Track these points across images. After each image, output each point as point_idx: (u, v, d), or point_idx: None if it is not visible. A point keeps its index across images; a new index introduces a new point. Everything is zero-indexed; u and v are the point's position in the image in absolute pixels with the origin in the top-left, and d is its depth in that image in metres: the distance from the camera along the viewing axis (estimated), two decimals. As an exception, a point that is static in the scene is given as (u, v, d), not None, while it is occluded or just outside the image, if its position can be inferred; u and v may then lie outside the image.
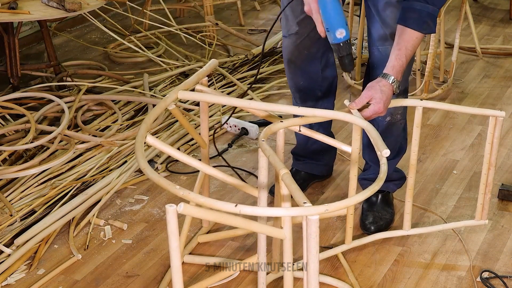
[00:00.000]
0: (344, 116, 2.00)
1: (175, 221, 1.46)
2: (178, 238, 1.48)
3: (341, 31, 2.00)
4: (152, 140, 1.84)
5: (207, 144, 2.33)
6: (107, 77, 3.63)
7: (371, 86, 2.06)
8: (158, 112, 1.97)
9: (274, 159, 1.73)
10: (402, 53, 2.07)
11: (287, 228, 1.67)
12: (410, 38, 2.07)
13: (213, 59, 2.38)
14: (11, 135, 2.97)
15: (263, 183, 1.91)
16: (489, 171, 2.24)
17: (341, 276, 2.27)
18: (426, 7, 2.06)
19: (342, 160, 2.94)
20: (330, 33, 2.01)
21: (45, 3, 3.14)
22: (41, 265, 2.31)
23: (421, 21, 2.06)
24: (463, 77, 3.85)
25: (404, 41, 2.07)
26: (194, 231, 2.47)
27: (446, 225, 2.43)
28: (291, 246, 1.70)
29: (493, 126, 2.16)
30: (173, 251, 1.48)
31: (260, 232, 1.80)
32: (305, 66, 2.45)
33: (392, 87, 2.06)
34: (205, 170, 2.02)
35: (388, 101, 2.06)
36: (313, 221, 1.47)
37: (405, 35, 2.07)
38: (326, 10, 1.98)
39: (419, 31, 2.07)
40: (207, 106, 2.30)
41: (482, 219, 2.32)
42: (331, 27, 2.00)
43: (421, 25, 2.06)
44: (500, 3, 5.09)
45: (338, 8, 1.99)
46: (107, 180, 2.70)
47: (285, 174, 1.65)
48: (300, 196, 1.57)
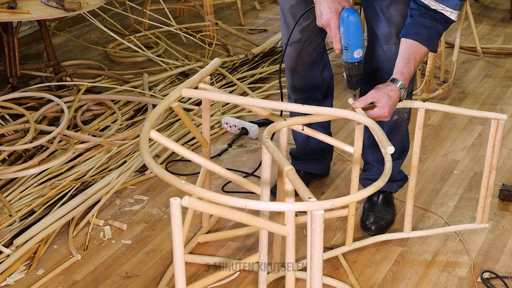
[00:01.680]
0: (348, 114, 2.00)
1: (179, 215, 1.44)
2: (182, 233, 1.46)
3: (359, 51, 2.04)
4: (156, 135, 1.83)
5: (208, 143, 2.33)
6: (107, 77, 3.63)
7: (379, 88, 2.04)
8: (162, 109, 1.97)
9: (278, 156, 1.74)
10: (411, 62, 2.08)
11: (290, 225, 1.66)
12: (419, 51, 2.08)
13: (216, 58, 2.37)
14: (11, 135, 2.96)
15: (266, 180, 1.91)
16: (490, 174, 2.22)
17: (342, 277, 2.26)
18: (435, 25, 2.08)
19: (343, 160, 2.94)
20: (348, 51, 2.04)
21: (45, 2, 3.13)
22: (40, 266, 2.30)
23: (430, 38, 2.08)
24: (464, 77, 3.84)
25: (413, 52, 2.08)
26: (194, 231, 2.46)
27: (447, 228, 2.41)
28: (294, 244, 1.69)
29: (495, 129, 2.14)
30: (176, 246, 1.46)
31: (264, 228, 1.78)
32: (306, 72, 2.46)
33: (400, 92, 2.05)
34: (209, 167, 2.01)
35: (393, 106, 2.05)
36: (317, 216, 1.47)
37: (415, 47, 2.08)
38: (349, 29, 2.00)
39: (427, 47, 2.09)
40: (209, 105, 2.29)
41: (483, 222, 2.31)
42: (351, 46, 2.03)
43: (429, 41, 2.08)
44: (500, 3, 5.08)
45: (360, 28, 2.01)
46: (106, 180, 2.70)
47: (290, 170, 1.66)
48: (305, 191, 1.57)
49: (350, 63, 2.06)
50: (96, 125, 3.11)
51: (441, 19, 2.09)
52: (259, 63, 3.87)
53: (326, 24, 2.06)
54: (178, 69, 3.71)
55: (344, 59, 2.07)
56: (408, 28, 2.11)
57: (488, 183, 2.24)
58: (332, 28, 2.04)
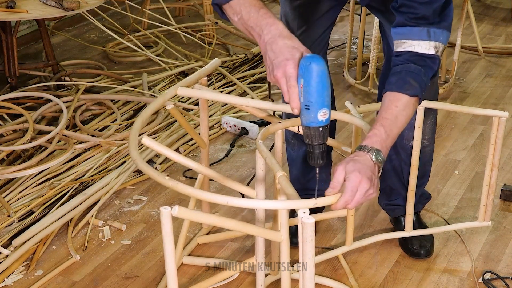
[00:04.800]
0: (344, 116, 1.99)
1: (170, 224, 1.46)
2: (173, 241, 1.47)
3: (325, 111, 1.54)
4: (149, 141, 1.81)
5: (207, 144, 2.31)
6: (106, 76, 3.62)
7: (344, 163, 1.60)
8: (156, 106, 1.95)
9: (271, 161, 1.71)
10: (380, 121, 1.68)
11: (284, 231, 1.65)
12: (394, 100, 1.71)
13: (216, 58, 2.36)
14: (9, 135, 2.95)
15: (261, 184, 1.89)
16: (492, 172, 2.21)
17: (342, 278, 2.25)
18: (405, 67, 1.74)
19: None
20: (309, 112, 1.54)
21: (43, 2, 3.12)
22: (39, 266, 2.29)
23: (403, 82, 1.72)
24: (465, 76, 3.83)
25: (388, 102, 1.72)
26: (194, 232, 2.45)
27: (449, 226, 2.40)
28: (288, 249, 1.68)
29: (496, 126, 2.14)
30: (167, 254, 1.48)
31: (257, 235, 1.79)
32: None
33: (369, 155, 1.61)
34: (201, 171, 1.99)
35: (368, 170, 1.56)
36: (308, 224, 1.45)
37: (390, 97, 1.73)
38: (313, 82, 1.51)
39: (399, 92, 1.71)
40: (206, 105, 2.28)
41: (485, 220, 2.30)
42: (314, 105, 1.52)
43: (403, 85, 1.71)
44: (502, 2, 5.07)
45: (328, 80, 1.54)
46: (105, 180, 2.69)
47: (282, 176, 1.63)
48: (296, 198, 1.55)
49: (312, 128, 1.55)
50: (95, 125, 3.10)
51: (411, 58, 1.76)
52: (259, 62, 3.86)
53: (279, 76, 1.56)
54: (178, 69, 3.70)
55: (304, 123, 1.57)
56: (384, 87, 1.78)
57: (490, 181, 2.23)
58: (288, 80, 1.55)
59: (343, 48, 4.10)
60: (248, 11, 1.65)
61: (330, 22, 2.22)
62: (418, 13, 1.72)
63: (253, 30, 1.64)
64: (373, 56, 3.44)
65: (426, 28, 1.73)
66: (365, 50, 3.92)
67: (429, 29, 1.73)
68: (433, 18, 1.73)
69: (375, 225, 2.53)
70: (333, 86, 2.59)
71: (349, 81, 3.67)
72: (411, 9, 1.73)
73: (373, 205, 2.62)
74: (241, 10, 1.65)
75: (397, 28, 1.76)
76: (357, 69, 3.69)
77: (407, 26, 1.74)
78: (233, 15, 1.67)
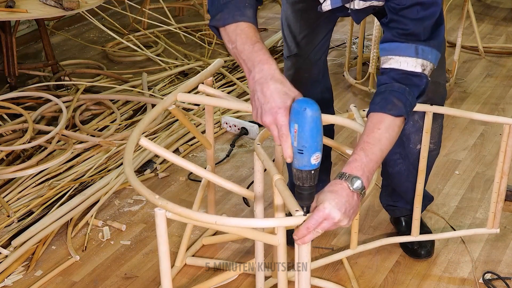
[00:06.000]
0: (343, 120, 1.98)
1: (164, 225, 1.46)
2: (167, 242, 1.47)
3: (317, 155, 1.53)
4: (146, 142, 1.80)
5: (212, 144, 2.30)
6: (106, 76, 3.61)
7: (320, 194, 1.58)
8: (155, 115, 1.94)
9: (268, 164, 1.70)
10: (361, 145, 1.65)
11: (280, 235, 1.65)
12: (378, 121, 1.67)
13: (219, 58, 2.35)
14: (9, 135, 2.95)
15: (259, 193, 1.88)
16: (501, 180, 2.19)
17: (342, 279, 2.25)
18: (388, 86, 1.71)
19: (344, 160, 2.92)
20: (303, 156, 1.53)
21: (43, 1, 3.11)
22: (38, 267, 2.29)
23: (386, 101, 1.67)
24: (465, 76, 3.82)
25: (372, 124, 1.68)
26: (198, 234, 2.45)
27: (456, 232, 2.37)
28: (285, 253, 1.68)
29: (507, 134, 2.11)
30: (162, 255, 1.48)
31: (254, 239, 1.78)
32: (305, 90, 2.32)
33: (345, 184, 1.56)
34: (201, 174, 1.98)
35: (344, 201, 1.53)
36: (304, 246, 1.46)
37: (373, 119, 1.69)
38: (307, 127, 1.50)
39: (383, 112, 1.67)
40: (212, 108, 2.26)
41: (494, 227, 2.28)
42: (308, 150, 1.52)
43: (385, 105, 1.67)
44: (502, 1, 5.06)
45: (321, 125, 1.52)
46: (105, 180, 2.68)
47: (278, 179, 1.62)
48: (292, 203, 1.52)
49: (305, 171, 1.54)
50: (95, 125, 3.10)
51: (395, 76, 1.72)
52: (259, 62, 3.84)
53: (269, 123, 1.53)
54: (178, 69, 3.70)
55: (296, 166, 1.55)
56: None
57: (500, 189, 2.21)
58: (280, 129, 1.52)
59: (343, 48, 4.10)
60: (242, 42, 1.60)
61: (331, 26, 2.23)
62: (408, 29, 1.69)
63: (244, 64, 1.61)
64: (373, 56, 3.44)
65: (414, 44, 1.69)
66: (365, 50, 3.92)
67: (417, 46, 1.69)
68: (423, 36, 1.70)
69: (375, 225, 2.53)
70: (333, 107, 2.50)
71: (349, 81, 3.66)
72: (401, 24, 1.70)
73: (374, 205, 2.61)
74: (236, 40, 1.61)
75: (384, 44, 1.73)
76: (357, 69, 3.69)
77: (395, 42, 1.71)
78: (228, 42, 1.64)
